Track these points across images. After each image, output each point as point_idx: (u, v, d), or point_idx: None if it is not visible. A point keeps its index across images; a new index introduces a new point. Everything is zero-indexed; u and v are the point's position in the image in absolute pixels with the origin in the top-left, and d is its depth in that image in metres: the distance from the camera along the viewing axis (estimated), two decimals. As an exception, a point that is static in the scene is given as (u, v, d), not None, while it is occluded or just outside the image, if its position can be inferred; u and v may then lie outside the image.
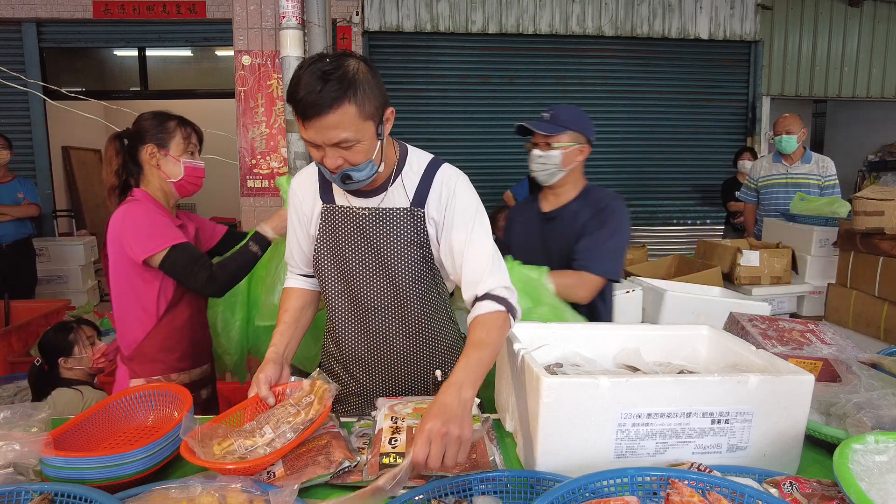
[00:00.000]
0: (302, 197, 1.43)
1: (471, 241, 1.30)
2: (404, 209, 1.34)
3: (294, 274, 1.52)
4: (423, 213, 1.34)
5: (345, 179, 1.22)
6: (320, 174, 1.39)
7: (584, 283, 1.76)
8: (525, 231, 2.01)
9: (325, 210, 1.38)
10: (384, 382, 1.50)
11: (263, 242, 1.79)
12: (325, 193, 1.40)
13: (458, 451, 0.97)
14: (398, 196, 1.35)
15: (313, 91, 1.10)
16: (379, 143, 1.23)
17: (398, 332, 1.44)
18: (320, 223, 1.39)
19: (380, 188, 1.35)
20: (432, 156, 1.40)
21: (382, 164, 1.28)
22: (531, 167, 1.88)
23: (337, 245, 1.38)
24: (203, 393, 1.85)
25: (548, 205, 1.95)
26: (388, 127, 1.25)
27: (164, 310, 1.71)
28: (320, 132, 1.14)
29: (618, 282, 1.87)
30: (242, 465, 1.02)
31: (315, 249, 1.41)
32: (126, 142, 1.76)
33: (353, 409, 1.53)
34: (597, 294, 1.79)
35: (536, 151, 1.85)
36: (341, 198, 1.38)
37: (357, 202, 1.36)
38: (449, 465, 0.96)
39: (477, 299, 1.24)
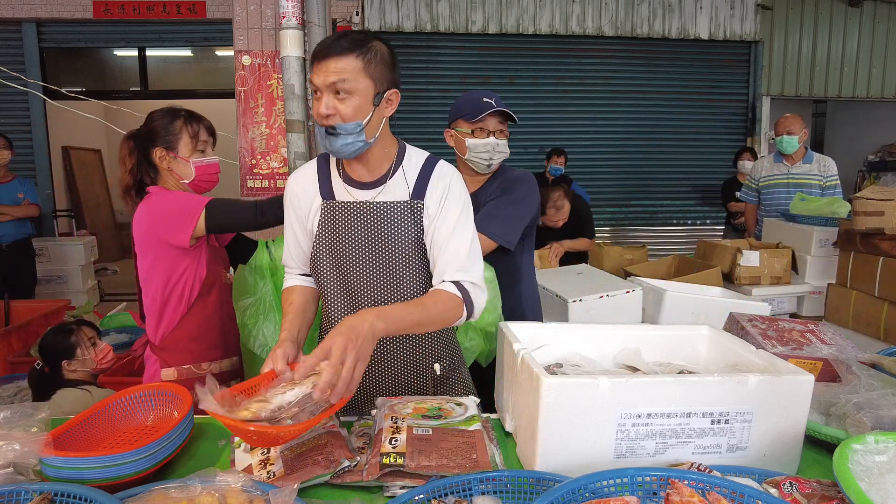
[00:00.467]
0: (301, 193, 1.42)
1: (452, 235, 1.34)
2: (404, 202, 1.36)
3: (293, 275, 1.51)
4: (422, 205, 1.36)
5: (329, 131, 1.27)
6: (319, 169, 1.42)
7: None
8: None
9: (325, 206, 1.39)
10: (381, 379, 1.50)
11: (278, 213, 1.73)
12: (325, 189, 1.40)
13: (353, 370, 1.01)
14: (398, 189, 1.37)
15: (329, 40, 1.25)
16: (373, 109, 1.27)
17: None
18: (319, 219, 1.39)
19: (380, 181, 1.37)
20: (428, 153, 1.44)
21: (374, 139, 1.31)
22: (484, 157, 1.87)
23: (335, 241, 1.38)
24: (232, 384, 1.84)
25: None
26: (388, 106, 1.31)
27: (195, 298, 1.73)
28: (323, 73, 1.23)
29: (510, 250, 1.82)
30: (273, 429, 0.97)
31: (314, 246, 1.41)
32: (140, 143, 1.77)
33: (348, 407, 1.53)
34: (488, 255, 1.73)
35: (496, 140, 1.88)
36: (342, 193, 1.38)
37: (358, 195, 1.37)
38: (342, 381, 0.99)
39: (441, 283, 1.32)
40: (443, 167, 1.40)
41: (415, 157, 1.41)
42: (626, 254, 4.04)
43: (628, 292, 2.43)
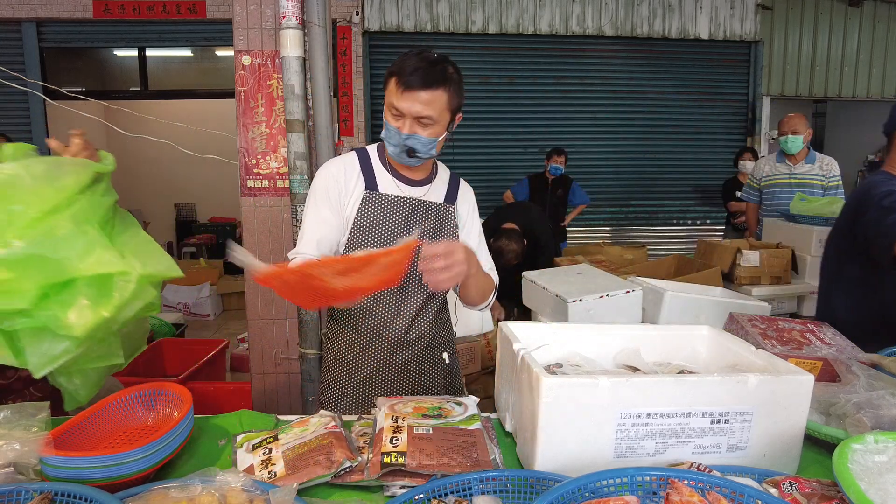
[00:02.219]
0: (343, 180, 1.50)
1: (480, 246, 1.60)
2: (441, 204, 1.55)
3: (300, 252, 1.51)
4: (454, 209, 1.57)
5: (409, 152, 1.41)
6: (362, 162, 1.52)
7: None
8: None
9: (367, 196, 1.49)
10: (397, 370, 1.57)
11: None
12: (370, 181, 1.51)
13: (455, 272, 1.25)
14: (437, 192, 1.55)
15: (421, 67, 1.32)
16: (446, 133, 1.43)
17: (418, 314, 1.55)
18: (359, 207, 1.49)
19: (425, 181, 1.55)
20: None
21: (434, 152, 1.47)
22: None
23: (374, 229, 1.48)
24: None
25: None
26: (454, 125, 1.46)
27: None
28: (413, 103, 1.34)
29: None
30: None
31: (352, 232, 1.49)
32: None
33: (348, 407, 1.58)
34: None
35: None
36: (390, 186, 1.51)
37: (407, 190, 1.51)
38: (446, 274, 1.23)
39: None
40: (463, 182, 1.63)
41: (441, 168, 1.61)
42: (626, 254, 4.05)
43: (628, 292, 2.43)
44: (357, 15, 5.33)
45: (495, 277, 1.59)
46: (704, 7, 5.87)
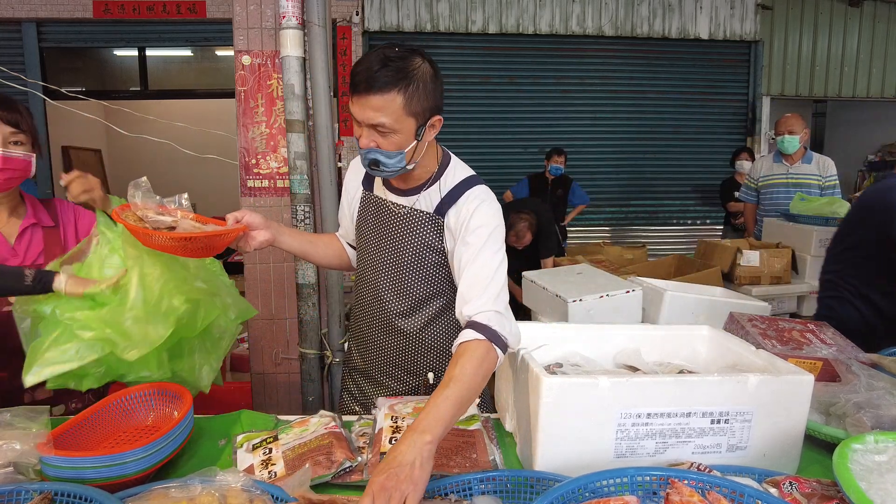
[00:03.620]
0: (352, 179, 1.54)
1: (475, 259, 1.26)
2: (428, 214, 1.38)
3: (340, 234, 1.67)
4: (443, 221, 1.37)
5: (372, 165, 1.25)
6: None
7: None
8: None
9: (364, 197, 1.49)
10: (379, 384, 1.56)
11: (44, 283, 1.34)
12: (367, 181, 1.49)
13: None
14: (428, 201, 1.39)
15: (370, 69, 1.15)
16: (415, 142, 1.24)
17: (400, 326, 1.48)
18: (359, 208, 1.51)
19: (415, 190, 1.39)
20: (473, 173, 1.42)
21: (414, 163, 1.30)
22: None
23: (367, 231, 1.48)
24: None
25: None
26: (430, 132, 1.27)
27: None
28: (363, 110, 1.18)
29: None
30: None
31: (356, 229, 1.53)
32: None
33: (348, 407, 1.59)
34: None
35: None
36: (380, 190, 1.46)
37: (392, 198, 1.43)
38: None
39: (465, 324, 1.18)
40: (475, 191, 1.36)
41: (453, 174, 1.40)
42: (626, 254, 4.05)
43: (628, 292, 2.42)
44: (357, 15, 5.33)
45: (491, 304, 1.19)
46: (704, 7, 5.87)
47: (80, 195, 1.54)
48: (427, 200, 1.39)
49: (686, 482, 0.86)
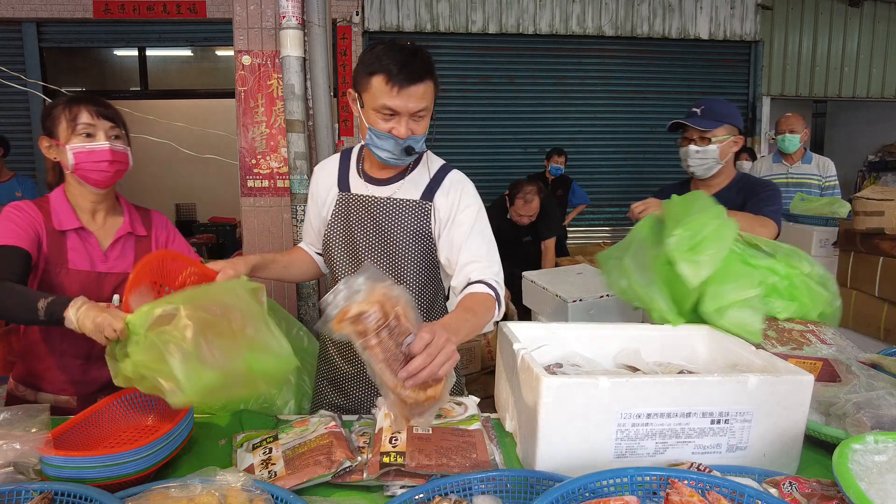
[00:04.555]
0: (321, 183, 1.55)
1: (470, 236, 1.39)
2: (414, 201, 1.44)
3: (306, 243, 1.68)
4: (431, 206, 1.44)
5: (407, 151, 1.34)
6: (341, 164, 1.53)
7: (766, 224, 1.80)
8: None
9: (341, 197, 1.49)
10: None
11: (55, 314, 1.21)
12: (343, 182, 1.50)
13: (446, 361, 0.96)
14: (410, 188, 1.46)
15: (405, 64, 1.25)
16: (432, 123, 1.37)
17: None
18: (334, 209, 1.50)
19: (395, 178, 1.47)
20: (444, 161, 1.53)
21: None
22: (687, 162, 1.92)
23: (350, 230, 1.47)
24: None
25: None
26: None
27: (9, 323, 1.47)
28: (407, 101, 1.27)
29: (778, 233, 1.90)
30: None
31: (325, 233, 1.52)
32: None
33: (348, 407, 1.55)
34: None
35: (693, 147, 1.89)
36: (360, 186, 1.48)
37: (374, 190, 1.46)
38: (438, 368, 0.95)
39: (469, 283, 1.33)
40: (455, 175, 1.48)
41: (431, 162, 1.49)
42: (626, 254, 4.04)
43: (628, 292, 2.42)
44: (357, 15, 5.33)
45: (494, 272, 1.35)
46: (704, 7, 5.87)
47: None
48: (411, 187, 1.45)
49: (686, 482, 0.86)
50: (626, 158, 6.17)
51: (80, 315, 1.17)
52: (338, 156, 1.57)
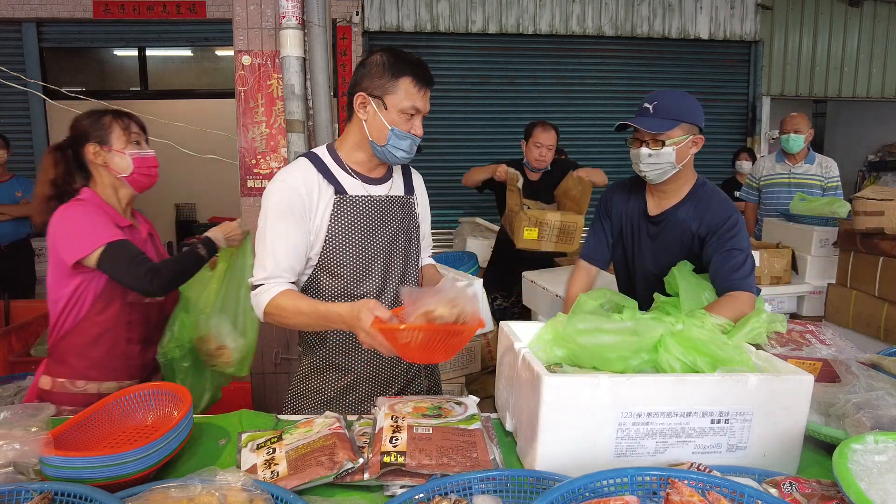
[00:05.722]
0: (304, 192, 1.39)
1: (427, 225, 1.66)
2: (403, 197, 1.55)
3: (282, 283, 1.40)
4: (413, 199, 1.59)
5: (418, 149, 1.46)
6: (319, 169, 1.44)
7: (749, 302, 1.55)
8: (629, 229, 1.85)
9: (339, 201, 1.43)
10: (389, 369, 1.57)
11: (211, 247, 1.77)
12: (336, 185, 1.44)
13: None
14: (398, 185, 1.56)
15: (424, 67, 1.41)
16: None
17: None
18: (332, 212, 1.42)
19: (386, 176, 1.54)
20: None
21: None
22: (639, 167, 1.70)
23: (354, 231, 1.44)
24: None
25: (655, 206, 1.79)
26: None
27: (83, 314, 1.61)
28: (427, 100, 1.42)
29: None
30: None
31: (325, 240, 1.42)
32: (68, 150, 1.70)
33: (347, 406, 1.54)
34: None
35: (644, 150, 1.66)
36: (356, 187, 1.47)
37: (372, 190, 1.49)
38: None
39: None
40: (413, 169, 1.65)
41: None
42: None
43: (628, 292, 2.42)
44: (357, 15, 5.33)
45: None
46: (704, 7, 5.87)
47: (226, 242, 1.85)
48: (397, 184, 1.56)
49: (686, 482, 0.86)
50: (626, 158, 6.14)
51: (217, 235, 1.79)
52: (304, 162, 1.45)
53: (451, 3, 5.57)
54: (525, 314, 3.22)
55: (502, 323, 1.38)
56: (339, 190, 1.43)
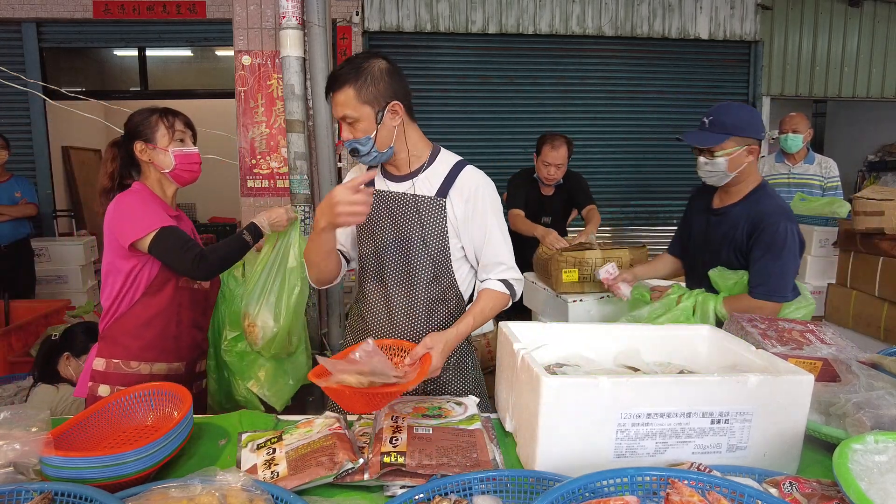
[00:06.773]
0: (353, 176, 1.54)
1: (490, 235, 1.53)
2: (429, 197, 1.52)
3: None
4: (445, 202, 1.52)
5: (353, 153, 1.46)
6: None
7: (755, 306, 1.79)
8: (697, 222, 2.09)
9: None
10: None
11: (256, 233, 1.90)
12: (371, 180, 1.56)
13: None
14: (426, 186, 1.54)
15: (332, 73, 1.42)
16: (377, 127, 1.43)
17: (409, 311, 1.55)
18: None
19: (411, 174, 1.55)
20: (460, 158, 1.61)
21: (390, 148, 1.48)
22: (700, 173, 1.94)
23: (372, 224, 1.55)
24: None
25: (718, 201, 2.01)
26: (391, 116, 1.45)
27: (138, 297, 1.73)
28: (334, 107, 1.44)
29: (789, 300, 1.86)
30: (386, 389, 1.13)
31: (358, 228, 1.59)
32: (123, 146, 1.83)
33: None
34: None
35: (702, 159, 1.90)
36: (380, 183, 1.57)
37: (394, 186, 1.55)
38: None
39: (492, 279, 1.54)
40: (469, 171, 1.57)
41: (445, 160, 1.58)
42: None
43: (628, 292, 2.42)
44: (357, 15, 5.33)
45: (511, 275, 1.54)
46: (704, 7, 5.86)
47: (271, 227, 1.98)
48: (426, 184, 1.53)
49: (686, 482, 0.86)
50: (626, 158, 6.16)
51: (262, 220, 1.92)
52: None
53: (451, 3, 5.57)
54: (525, 314, 3.22)
55: (502, 323, 1.38)
56: (369, 184, 1.54)
